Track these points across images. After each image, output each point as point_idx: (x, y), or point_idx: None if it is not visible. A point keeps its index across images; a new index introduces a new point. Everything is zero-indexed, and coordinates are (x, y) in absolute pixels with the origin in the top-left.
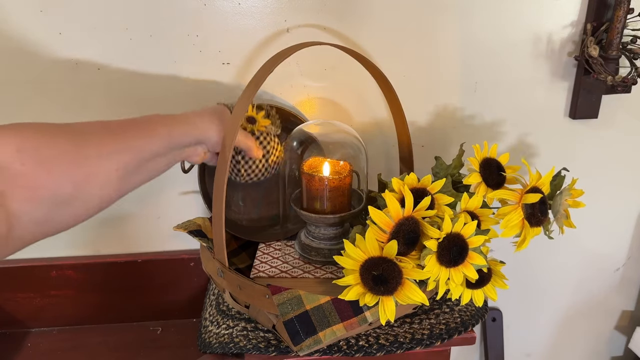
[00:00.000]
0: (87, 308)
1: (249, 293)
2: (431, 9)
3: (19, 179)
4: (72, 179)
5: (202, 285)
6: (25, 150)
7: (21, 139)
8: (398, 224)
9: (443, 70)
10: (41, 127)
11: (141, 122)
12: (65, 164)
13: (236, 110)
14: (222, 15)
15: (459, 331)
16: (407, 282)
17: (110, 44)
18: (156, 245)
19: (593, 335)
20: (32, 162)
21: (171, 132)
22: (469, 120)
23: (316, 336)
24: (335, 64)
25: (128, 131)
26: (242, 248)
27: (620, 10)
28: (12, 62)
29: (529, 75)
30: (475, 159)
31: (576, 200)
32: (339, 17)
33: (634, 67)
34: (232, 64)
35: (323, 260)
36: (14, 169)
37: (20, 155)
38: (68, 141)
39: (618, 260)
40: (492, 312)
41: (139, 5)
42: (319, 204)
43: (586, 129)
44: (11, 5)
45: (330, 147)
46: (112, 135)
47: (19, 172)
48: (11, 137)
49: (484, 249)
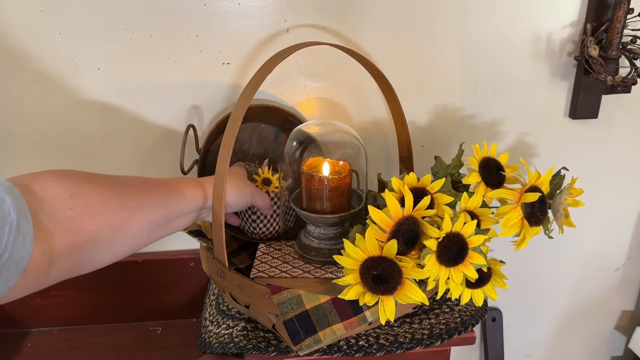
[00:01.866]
0: (87, 308)
1: (249, 293)
2: (431, 9)
3: (66, 222)
4: (111, 225)
5: (202, 285)
6: (76, 197)
7: (73, 186)
8: (398, 223)
9: (443, 70)
10: (90, 176)
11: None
12: (107, 212)
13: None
14: (222, 15)
15: (459, 331)
16: (407, 282)
17: (110, 44)
18: (156, 245)
19: (593, 335)
20: (80, 208)
21: (196, 197)
22: (469, 120)
23: (316, 336)
24: (335, 64)
25: (163, 190)
26: (242, 248)
27: (620, 10)
28: (12, 62)
29: (529, 75)
30: (474, 158)
31: (576, 200)
32: (339, 17)
33: (634, 67)
34: (232, 64)
35: (323, 260)
36: (64, 212)
37: (71, 200)
38: (112, 192)
39: (618, 260)
40: (492, 312)
41: (139, 5)
42: (318, 203)
43: (586, 129)
44: (11, 5)
45: (330, 147)
46: (149, 191)
47: (68, 216)
48: (65, 182)
49: (483, 248)
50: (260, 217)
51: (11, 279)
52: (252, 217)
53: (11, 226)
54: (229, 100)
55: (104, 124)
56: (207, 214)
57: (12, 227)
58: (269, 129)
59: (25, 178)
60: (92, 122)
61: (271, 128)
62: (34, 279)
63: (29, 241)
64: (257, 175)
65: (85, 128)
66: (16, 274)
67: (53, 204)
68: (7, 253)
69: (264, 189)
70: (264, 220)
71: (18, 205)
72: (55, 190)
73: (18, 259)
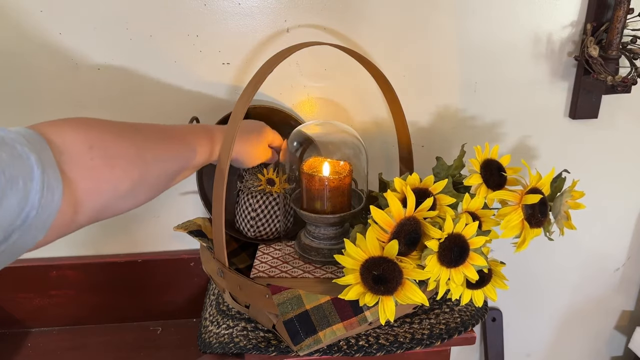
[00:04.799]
0: (87, 308)
1: (249, 293)
2: (431, 9)
3: (87, 172)
4: (130, 177)
5: (202, 285)
6: (95, 147)
7: (93, 136)
8: (399, 224)
9: (443, 70)
10: (109, 125)
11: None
12: (126, 164)
13: (235, 111)
14: (222, 15)
15: (459, 331)
16: (407, 282)
17: (110, 44)
18: (156, 245)
19: (593, 335)
20: (100, 159)
21: (205, 152)
22: (469, 120)
23: (316, 336)
24: (335, 64)
25: (178, 143)
26: (242, 248)
27: (620, 10)
28: (12, 62)
29: (528, 75)
30: (476, 160)
31: (577, 202)
32: (339, 17)
33: (634, 67)
34: (232, 64)
35: (323, 260)
36: (84, 162)
37: (91, 151)
38: (131, 144)
39: (618, 260)
40: (492, 312)
41: (139, 5)
42: (319, 203)
43: (586, 129)
44: (11, 5)
45: (330, 147)
46: (166, 143)
47: (88, 166)
48: (84, 133)
49: (484, 249)
50: (260, 216)
51: (40, 235)
52: (252, 216)
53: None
54: (229, 100)
55: None
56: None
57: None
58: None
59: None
60: None
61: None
62: (60, 229)
63: (58, 196)
64: (262, 175)
65: None
66: (44, 229)
67: (73, 154)
68: (33, 211)
69: (268, 189)
70: (264, 220)
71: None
72: (74, 140)
73: (46, 216)
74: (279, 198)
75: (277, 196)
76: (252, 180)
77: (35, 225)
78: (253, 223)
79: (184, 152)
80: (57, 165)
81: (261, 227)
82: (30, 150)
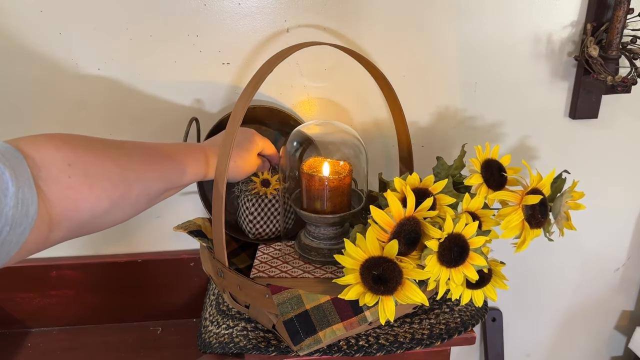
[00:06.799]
0: (87, 308)
1: (249, 293)
2: (431, 9)
3: (64, 189)
4: (110, 197)
5: (202, 285)
6: (74, 165)
7: (73, 154)
8: (399, 223)
9: (443, 70)
10: (92, 143)
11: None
12: (106, 184)
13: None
14: (222, 15)
15: (459, 331)
16: (407, 282)
17: (110, 44)
18: (156, 245)
19: (593, 335)
20: (78, 177)
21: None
22: (469, 120)
23: (316, 336)
24: (335, 64)
25: (165, 163)
26: (242, 248)
27: (620, 10)
28: (12, 62)
29: (528, 75)
30: (477, 160)
31: (577, 203)
32: (339, 17)
33: (634, 67)
34: (232, 64)
35: (323, 260)
36: (62, 180)
37: (70, 169)
38: (114, 164)
39: (618, 261)
40: (492, 312)
41: (139, 6)
42: (318, 203)
43: (586, 129)
44: (11, 5)
45: (330, 147)
46: (150, 163)
47: (66, 184)
48: (63, 149)
49: (484, 249)
50: (261, 215)
51: (13, 250)
52: (252, 217)
53: (12, 199)
54: (229, 100)
55: (103, 124)
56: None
57: (12, 200)
58: (269, 132)
59: (23, 142)
60: (92, 122)
61: (272, 131)
62: (34, 245)
63: (33, 212)
64: (256, 177)
65: (85, 128)
66: (17, 245)
67: (51, 171)
68: (7, 227)
69: (262, 191)
70: (264, 220)
71: (21, 175)
72: (53, 157)
73: (20, 231)
74: (276, 198)
75: (273, 197)
76: (246, 183)
77: (9, 241)
78: (252, 225)
79: (171, 173)
80: (33, 181)
81: (260, 228)
82: (5, 165)
